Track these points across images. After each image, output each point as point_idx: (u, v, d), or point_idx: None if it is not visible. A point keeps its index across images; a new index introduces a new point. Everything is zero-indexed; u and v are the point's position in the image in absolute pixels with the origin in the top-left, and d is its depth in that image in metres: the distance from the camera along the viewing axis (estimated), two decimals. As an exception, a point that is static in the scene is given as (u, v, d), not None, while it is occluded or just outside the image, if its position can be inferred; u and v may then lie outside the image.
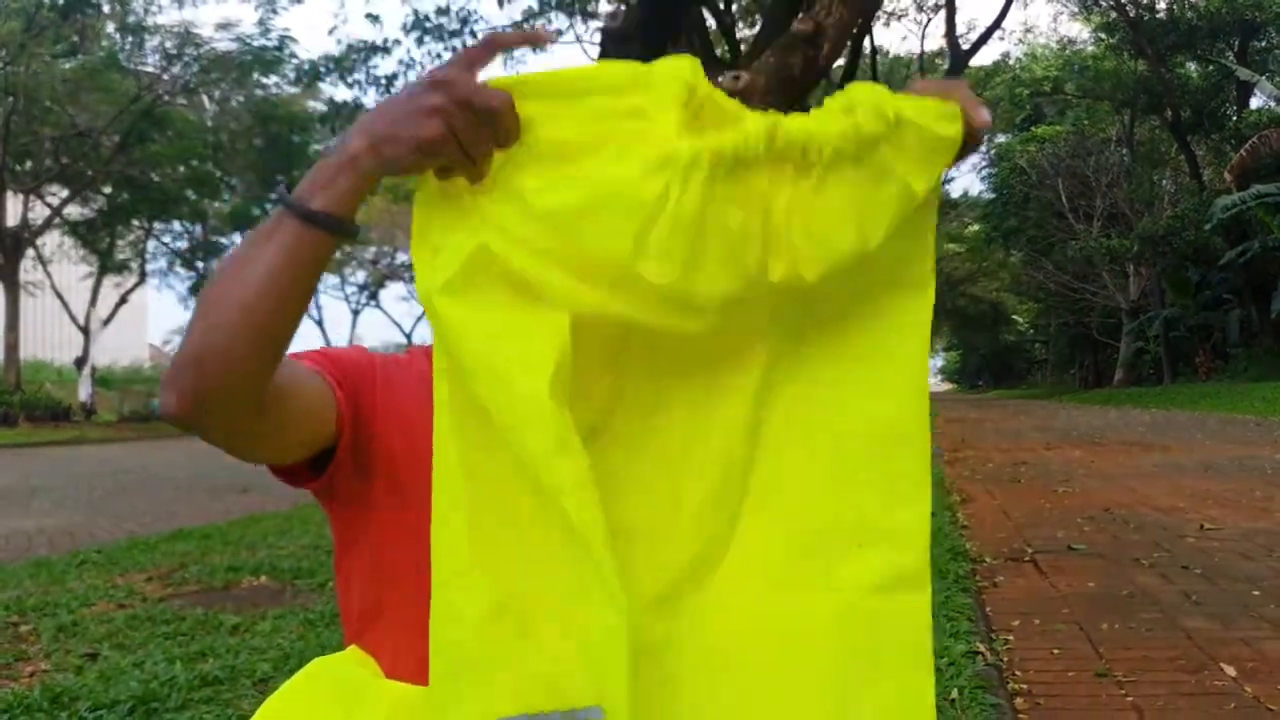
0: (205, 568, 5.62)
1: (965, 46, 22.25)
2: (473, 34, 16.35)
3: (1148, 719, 2.88)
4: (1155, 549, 5.66)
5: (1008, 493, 8.50)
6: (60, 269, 36.87)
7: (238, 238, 41.41)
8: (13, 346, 29.86)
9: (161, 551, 6.37)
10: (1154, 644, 3.67)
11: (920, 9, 31.15)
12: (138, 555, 6.25)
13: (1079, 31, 44.07)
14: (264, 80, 31.10)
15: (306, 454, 1.20)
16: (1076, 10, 41.81)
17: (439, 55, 17.00)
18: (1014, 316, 74.94)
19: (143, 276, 38.05)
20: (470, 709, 1.00)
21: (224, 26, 30.14)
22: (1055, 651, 3.62)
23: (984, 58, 40.06)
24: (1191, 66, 36.64)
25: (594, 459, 1.00)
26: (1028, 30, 59.01)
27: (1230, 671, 3.30)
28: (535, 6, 15.99)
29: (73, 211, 33.57)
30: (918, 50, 33.92)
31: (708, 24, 11.19)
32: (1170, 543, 5.86)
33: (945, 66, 27.55)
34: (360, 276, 60.37)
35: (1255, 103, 36.51)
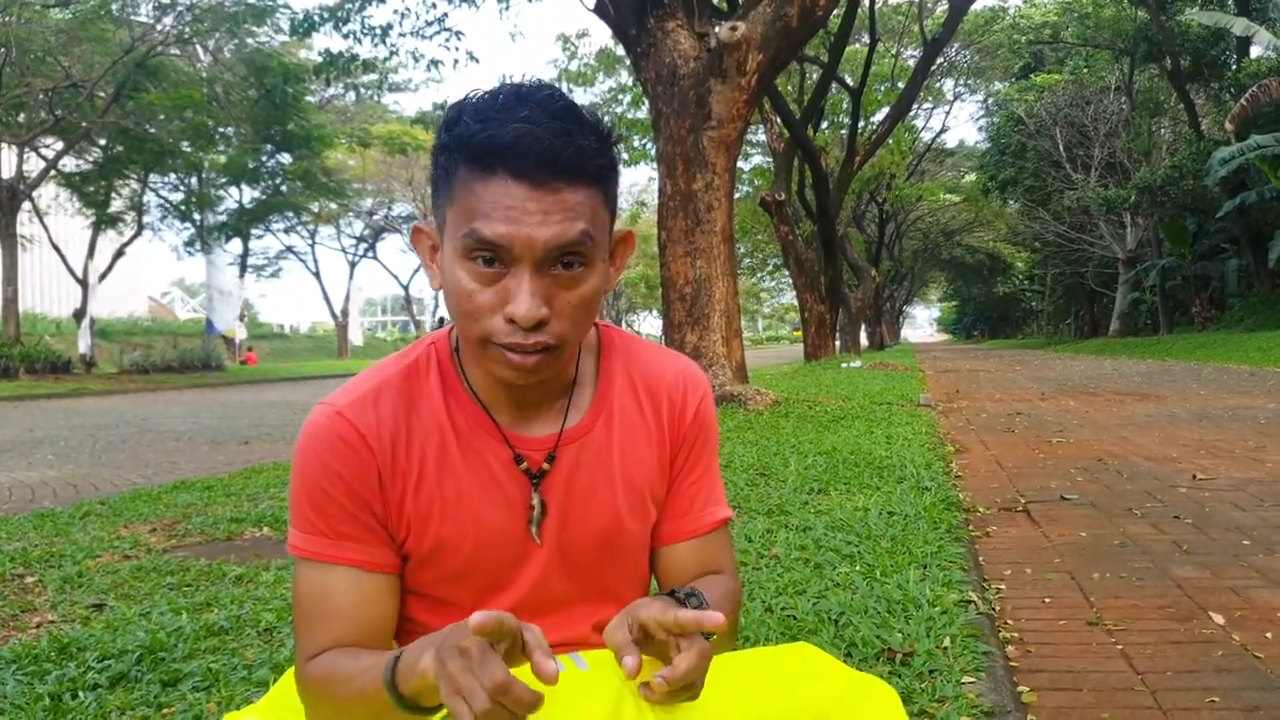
0: (208, 519, 5.66)
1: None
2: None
3: (1137, 666, 2.93)
4: (1147, 499, 5.72)
5: (1001, 443, 8.55)
6: (56, 222, 36.73)
7: (234, 189, 41.29)
8: (11, 300, 29.83)
9: (165, 503, 6.41)
10: (1144, 593, 3.72)
11: (918, -44, 30.80)
12: (141, 506, 6.30)
13: (1079, -22, 43.70)
14: (255, 30, 30.84)
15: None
16: (1076, -43, 41.41)
17: (433, 4, 16.84)
18: (1014, 263, 74.85)
19: (140, 229, 37.91)
20: None
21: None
22: (1047, 600, 3.67)
23: (982, 3, 39.56)
24: (1191, 14, 36.34)
25: None
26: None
27: (1219, 620, 3.35)
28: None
29: (68, 164, 33.40)
30: (916, -2, 33.48)
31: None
32: (1162, 493, 5.91)
33: (944, 13, 27.32)
34: (357, 228, 60.26)
35: (1255, 51, 36.27)
